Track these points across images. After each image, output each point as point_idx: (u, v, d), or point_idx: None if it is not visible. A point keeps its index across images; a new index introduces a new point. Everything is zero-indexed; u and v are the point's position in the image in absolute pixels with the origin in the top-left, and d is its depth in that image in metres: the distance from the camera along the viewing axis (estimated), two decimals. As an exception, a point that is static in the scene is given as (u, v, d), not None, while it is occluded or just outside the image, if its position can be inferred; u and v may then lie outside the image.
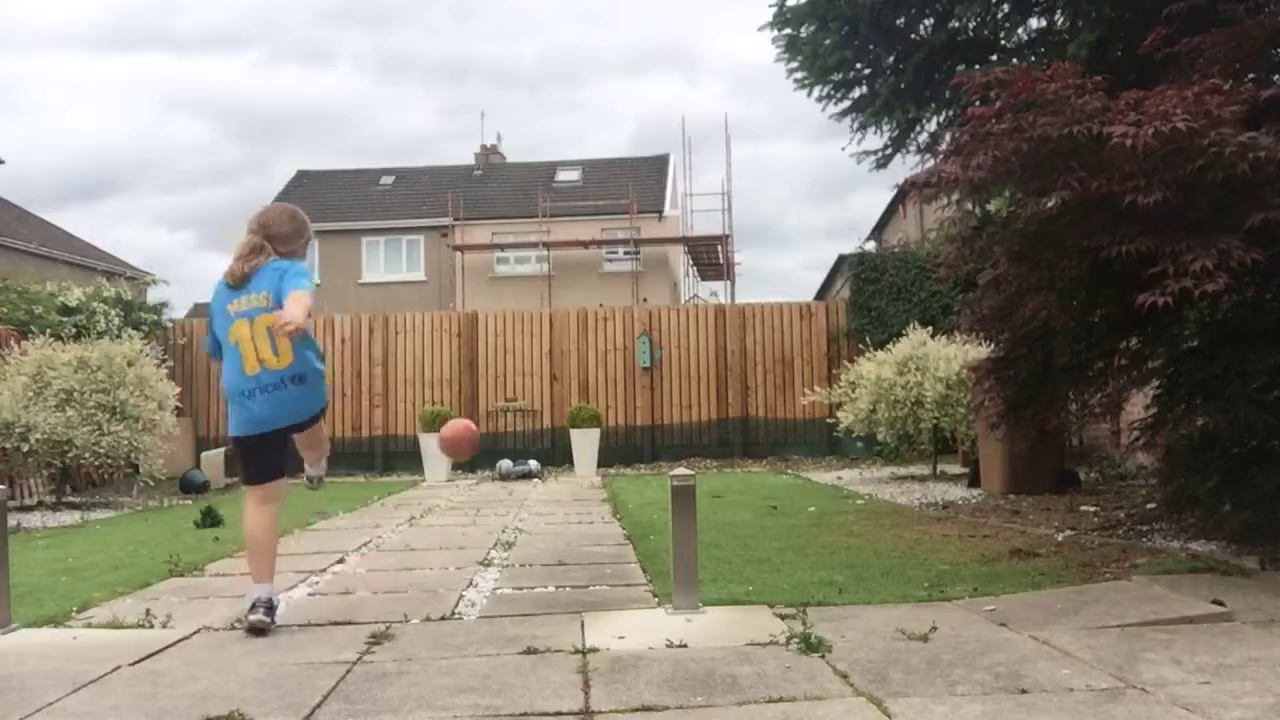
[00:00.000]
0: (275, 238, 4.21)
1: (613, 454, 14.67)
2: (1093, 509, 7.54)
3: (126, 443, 10.54)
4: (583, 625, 4.16)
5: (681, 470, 4.61)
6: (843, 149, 9.40)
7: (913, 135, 9.08)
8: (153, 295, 15.65)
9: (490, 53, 78.15)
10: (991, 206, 6.69)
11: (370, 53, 79.93)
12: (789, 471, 13.14)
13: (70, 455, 10.28)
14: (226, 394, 4.20)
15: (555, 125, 69.17)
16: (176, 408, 11.61)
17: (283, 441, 4.31)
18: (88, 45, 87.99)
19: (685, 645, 3.79)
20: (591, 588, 5.11)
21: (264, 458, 4.26)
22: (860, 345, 13.98)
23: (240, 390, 4.13)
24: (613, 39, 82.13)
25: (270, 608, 4.16)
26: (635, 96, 73.62)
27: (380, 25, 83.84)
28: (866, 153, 9.36)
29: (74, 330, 13.04)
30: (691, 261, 31.15)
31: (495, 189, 32.37)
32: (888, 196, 26.40)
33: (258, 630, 4.07)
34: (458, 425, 5.35)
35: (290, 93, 75.07)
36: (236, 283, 4.09)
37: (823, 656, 3.59)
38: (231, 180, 72.63)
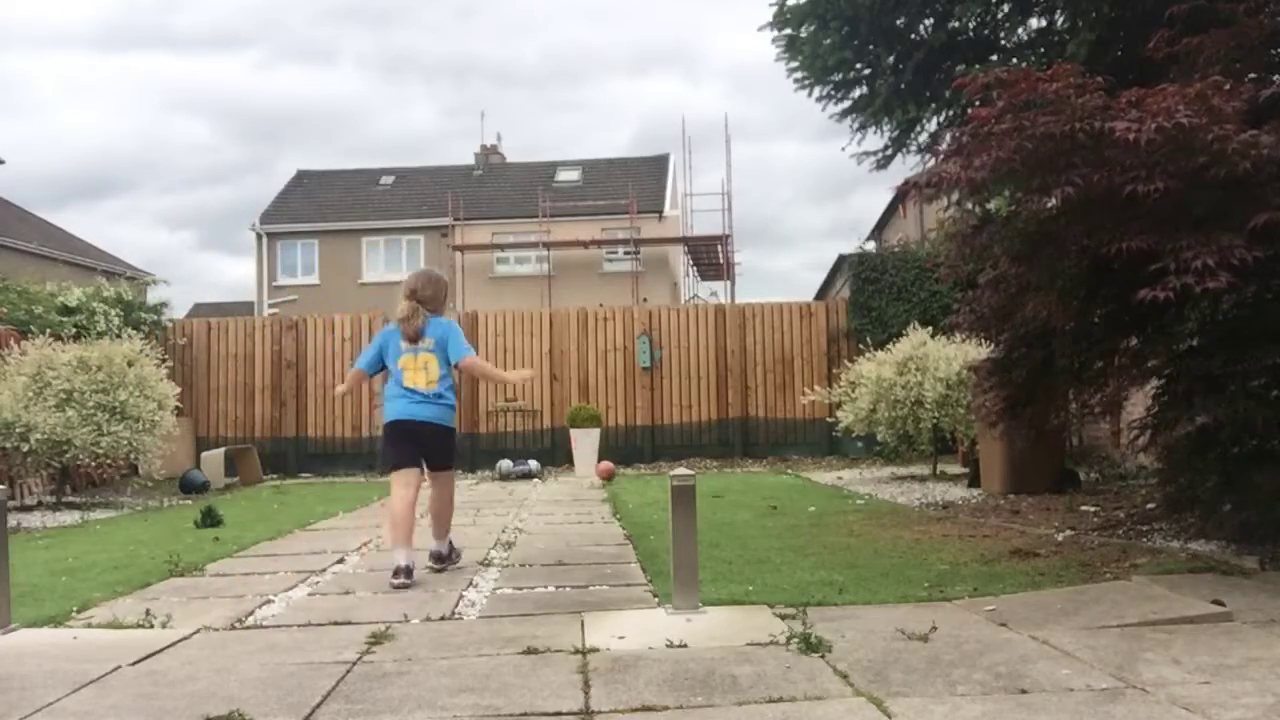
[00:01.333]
0: (423, 300, 5.53)
1: (613, 454, 14.63)
2: (1093, 509, 7.54)
3: (126, 443, 10.53)
4: (583, 625, 4.16)
5: (681, 470, 4.61)
6: (843, 149, 9.42)
7: (913, 135, 9.09)
8: (152, 295, 15.65)
9: (492, 52, 78.34)
10: (991, 206, 6.70)
11: (372, 52, 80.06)
12: (789, 471, 13.14)
13: (70, 455, 10.27)
14: (385, 396, 5.59)
15: (557, 125, 69.34)
16: (176, 408, 11.60)
17: (415, 440, 5.53)
18: (89, 44, 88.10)
19: (685, 645, 3.79)
20: (591, 588, 5.11)
21: (401, 448, 5.52)
22: (860, 345, 13.98)
23: (396, 395, 5.51)
24: (615, 38, 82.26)
25: (408, 572, 5.21)
26: (637, 96, 73.80)
27: (381, 25, 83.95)
28: (867, 153, 9.37)
29: (74, 330, 13.03)
30: (691, 261, 31.16)
31: (495, 189, 32.38)
32: (888, 196, 26.41)
33: (399, 588, 5.11)
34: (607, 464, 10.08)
35: (291, 92, 75.21)
36: (412, 339, 5.48)
37: (823, 656, 3.59)
38: (232, 180, 72.80)
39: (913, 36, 8.59)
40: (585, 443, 13.57)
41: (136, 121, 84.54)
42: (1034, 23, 8.75)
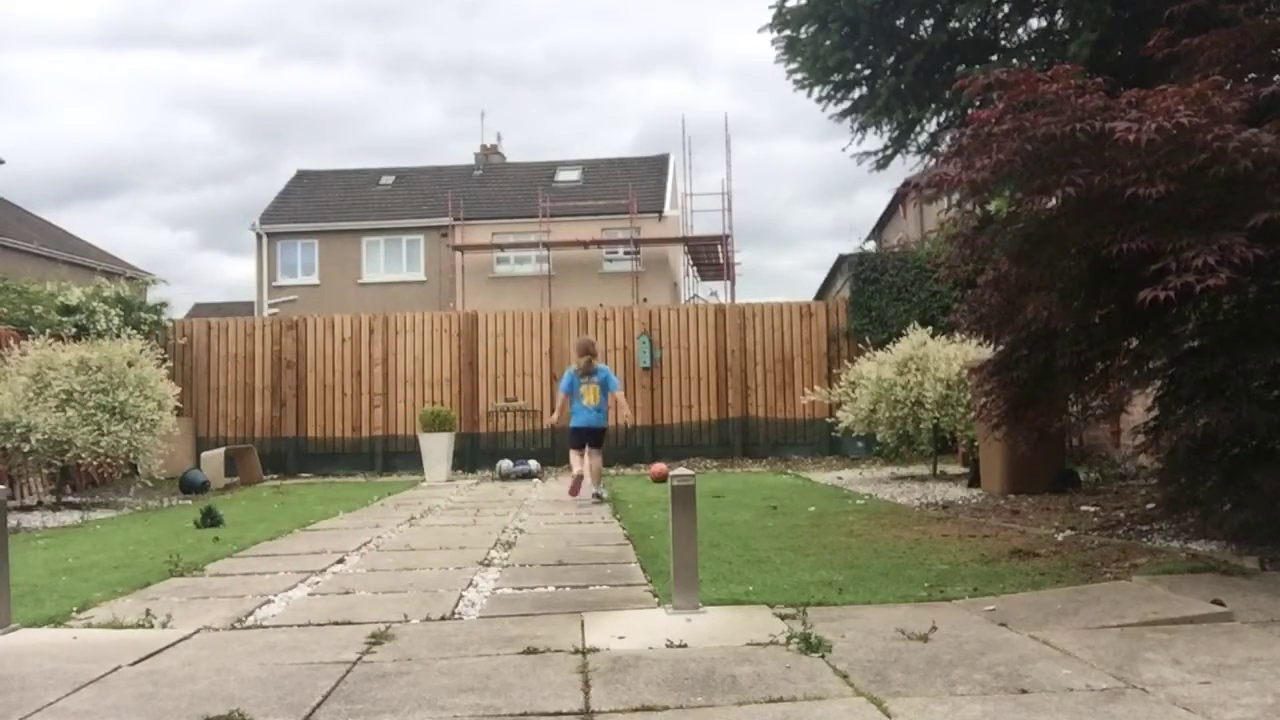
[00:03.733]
0: (588, 355, 9.75)
1: (613, 454, 14.62)
2: (1093, 509, 7.54)
3: (126, 443, 10.54)
4: (583, 625, 4.16)
5: (681, 470, 4.61)
6: (843, 150, 9.42)
7: (913, 136, 9.09)
8: (153, 295, 15.66)
9: (496, 51, 78.34)
10: (991, 207, 6.69)
11: (375, 51, 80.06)
12: (789, 471, 13.15)
13: (70, 455, 10.28)
14: (571, 409, 9.69)
15: (561, 124, 69.33)
16: (176, 408, 11.61)
17: (584, 434, 9.67)
18: (91, 43, 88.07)
19: (685, 645, 3.79)
20: (591, 588, 5.11)
21: (576, 438, 9.74)
22: (860, 345, 13.98)
23: (578, 409, 9.63)
24: (619, 37, 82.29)
25: (576, 493, 9.63)
26: (641, 95, 73.83)
27: (385, 23, 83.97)
28: (867, 153, 9.37)
29: (74, 330, 13.04)
30: (691, 261, 31.15)
31: (495, 189, 32.36)
32: (891, 196, 26.33)
33: (596, 502, 9.47)
34: (661, 465, 12.07)
35: (295, 91, 75.16)
36: (584, 375, 9.63)
37: (823, 656, 3.59)
38: (235, 179, 72.70)
39: (913, 37, 8.59)
40: (585, 443, 13.56)
41: (139, 121, 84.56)
42: (1034, 23, 8.75)
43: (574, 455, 9.81)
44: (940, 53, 8.31)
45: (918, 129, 9.02)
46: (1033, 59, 8.28)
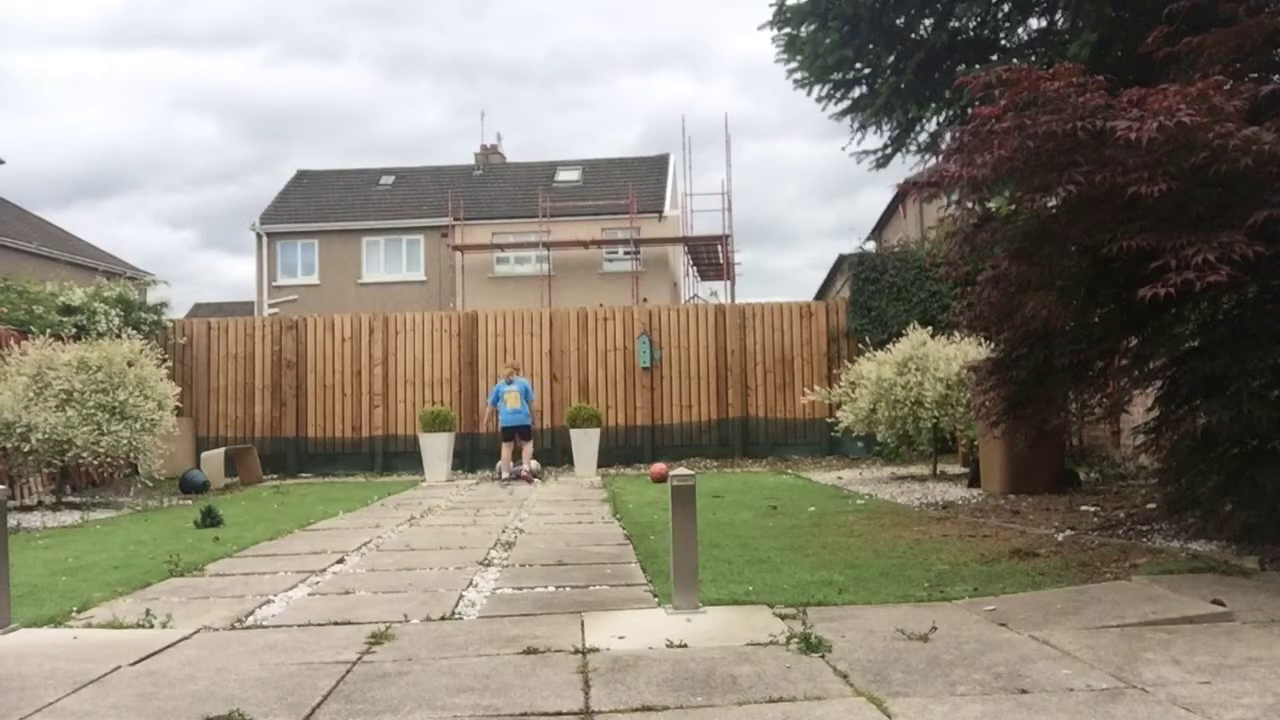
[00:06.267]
0: (515, 371, 13.35)
1: (613, 454, 14.67)
2: (1093, 509, 7.54)
3: (126, 442, 10.53)
4: (583, 625, 4.16)
5: (681, 470, 4.61)
6: (843, 148, 9.42)
7: (913, 135, 9.09)
8: (153, 295, 15.65)
9: (499, 50, 78.29)
10: (991, 206, 6.70)
11: (380, 50, 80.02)
12: (789, 471, 13.15)
13: (70, 455, 10.27)
14: (499, 411, 12.85)
15: (564, 124, 69.29)
16: (176, 408, 11.60)
17: (511, 429, 12.80)
18: (93, 42, 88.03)
19: (685, 645, 3.79)
20: (591, 588, 5.10)
21: (506, 433, 12.83)
22: (860, 345, 13.98)
23: (504, 411, 12.77)
24: (623, 36, 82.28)
25: (505, 482, 12.49)
26: (645, 94, 73.77)
27: (388, 22, 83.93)
28: (866, 152, 9.37)
29: (74, 330, 13.04)
30: (691, 261, 31.13)
31: (495, 189, 32.33)
32: (892, 195, 26.29)
33: (508, 482, 12.48)
34: (660, 465, 12.32)
35: (299, 90, 75.09)
36: (509, 383, 12.88)
37: (823, 656, 3.59)
38: (237, 178, 72.62)
39: (913, 36, 8.58)
40: (585, 443, 13.58)
41: (141, 120, 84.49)
42: (1034, 23, 8.75)
43: (505, 447, 12.87)
44: (940, 52, 8.31)
45: (918, 128, 9.03)
46: (1033, 59, 8.28)
